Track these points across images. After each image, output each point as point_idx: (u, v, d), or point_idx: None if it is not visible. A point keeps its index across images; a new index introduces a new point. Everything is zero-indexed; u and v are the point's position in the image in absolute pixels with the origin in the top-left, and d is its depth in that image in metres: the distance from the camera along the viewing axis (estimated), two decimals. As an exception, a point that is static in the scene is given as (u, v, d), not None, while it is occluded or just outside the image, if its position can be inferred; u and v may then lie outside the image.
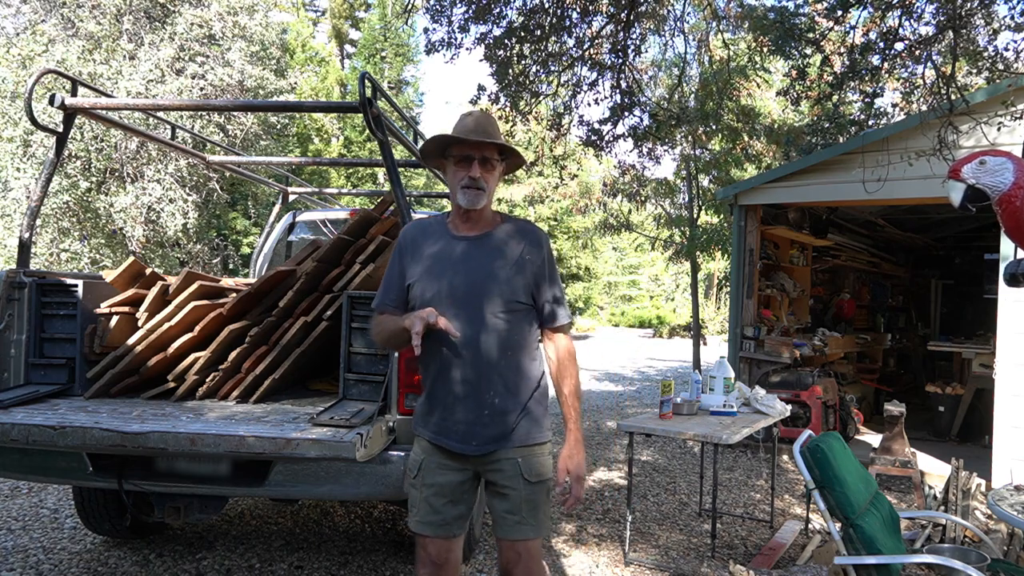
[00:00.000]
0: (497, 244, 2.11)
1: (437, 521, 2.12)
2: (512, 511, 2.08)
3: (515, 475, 2.07)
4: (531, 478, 2.08)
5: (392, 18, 25.66)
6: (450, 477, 2.11)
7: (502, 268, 2.07)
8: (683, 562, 3.92)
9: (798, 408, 6.47)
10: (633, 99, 7.85)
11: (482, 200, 2.07)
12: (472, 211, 2.09)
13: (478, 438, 2.06)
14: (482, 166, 2.06)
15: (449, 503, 2.12)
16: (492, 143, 2.07)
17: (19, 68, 10.74)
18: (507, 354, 2.06)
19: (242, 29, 12.77)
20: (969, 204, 2.09)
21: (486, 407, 2.05)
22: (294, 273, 3.40)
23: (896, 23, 5.59)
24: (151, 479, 2.82)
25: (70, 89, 3.25)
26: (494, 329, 2.04)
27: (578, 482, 2.08)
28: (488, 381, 2.05)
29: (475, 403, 2.05)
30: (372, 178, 24.11)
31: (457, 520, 2.14)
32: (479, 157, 2.06)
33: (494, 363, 2.04)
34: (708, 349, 16.77)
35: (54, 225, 11.33)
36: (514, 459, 2.07)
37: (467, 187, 2.06)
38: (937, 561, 2.70)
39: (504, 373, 2.06)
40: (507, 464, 2.08)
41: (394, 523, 4.36)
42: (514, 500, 2.08)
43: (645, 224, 17.27)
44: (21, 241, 3.20)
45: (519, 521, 2.07)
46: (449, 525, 2.13)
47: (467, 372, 2.04)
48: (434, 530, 2.13)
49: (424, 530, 2.14)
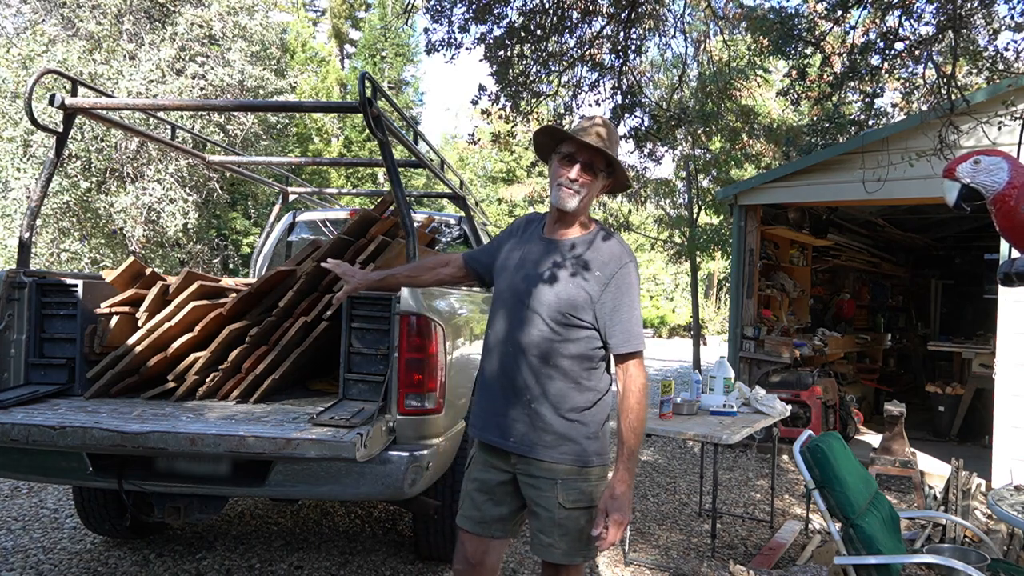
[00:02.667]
0: (570, 251, 2.03)
1: (476, 518, 2.08)
2: (543, 531, 2.00)
3: (550, 495, 1.97)
4: (566, 503, 1.96)
5: (392, 18, 25.65)
6: (492, 475, 2.07)
7: (563, 276, 1.99)
8: (683, 562, 3.91)
9: (798, 408, 6.47)
10: (634, 100, 7.85)
11: (573, 202, 1.99)
12: (563, 213, 2.03)
13: (517, 436, 2.00)
14: (584, 170, 1.99)
15: (490, 501, 2.07)
16: (600, 150, 1.98)
17: (19, 68, 10.73)
18: (550, 363, 1.98)
19: (242, 29, 12.76)
20: (964, 203, 2.09)
21: (524, 407, 1.99)
22: (294, 273, 3.40)
23: (896, 23, 5.59)
24: (151, 479, 2.82)
25: (70, 89, 3.25)
26: (541, 335, 1.98)
27: (616, 525, 1.90)
28: (527, 383, 1.99)
29: (515, 401, 2.00)
30: (372, 178, 24.12)
31: (497, 522, 2.08)
32: (583, 160, 1.99)
33: (536, 368, 1.98)
34: (708, 349, 16.77)
35: (54, 225, 11.33)
36: (553, 479, 1.97)
37: (562, 186, 1.99)
38: (937, 561, 2.70)
39: (546, 381, 1.98)
40: (544, 483, 1.98)
41: (394, 523, 4.36)
42: (544, 521, 1.99)
43: (645, 225, 17.28)
44: (21, 241, 3.20)
45: (551, 544, 1.99)
46: (488, 524, 2.07)
47: (510, 369, 2.01)
48: (472, 526, 2.08)
49: (464, 524, 2.10)
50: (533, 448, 1.98)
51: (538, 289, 1.99)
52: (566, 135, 2.01)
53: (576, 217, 2.05)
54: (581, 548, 2.00)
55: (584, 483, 1.99)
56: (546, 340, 1.98)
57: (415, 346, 2.80)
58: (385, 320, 2.88)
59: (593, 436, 2.02)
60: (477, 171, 28.79)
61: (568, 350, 1.98)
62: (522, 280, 2.03)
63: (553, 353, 1.98)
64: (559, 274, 2.00)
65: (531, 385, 1.98)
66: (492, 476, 2.07)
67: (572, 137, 1.99)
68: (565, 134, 2.02)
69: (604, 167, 2.03)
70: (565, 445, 1.98)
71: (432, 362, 2.84)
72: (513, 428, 2.00)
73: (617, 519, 1.90)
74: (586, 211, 2.08)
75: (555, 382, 1.98)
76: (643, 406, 1.99)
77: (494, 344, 2.06)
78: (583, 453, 1.99)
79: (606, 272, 1.99)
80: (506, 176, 26.86)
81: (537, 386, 1.98)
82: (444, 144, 29.59)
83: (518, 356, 2.00)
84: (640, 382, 1.99)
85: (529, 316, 1.99)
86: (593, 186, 2.02)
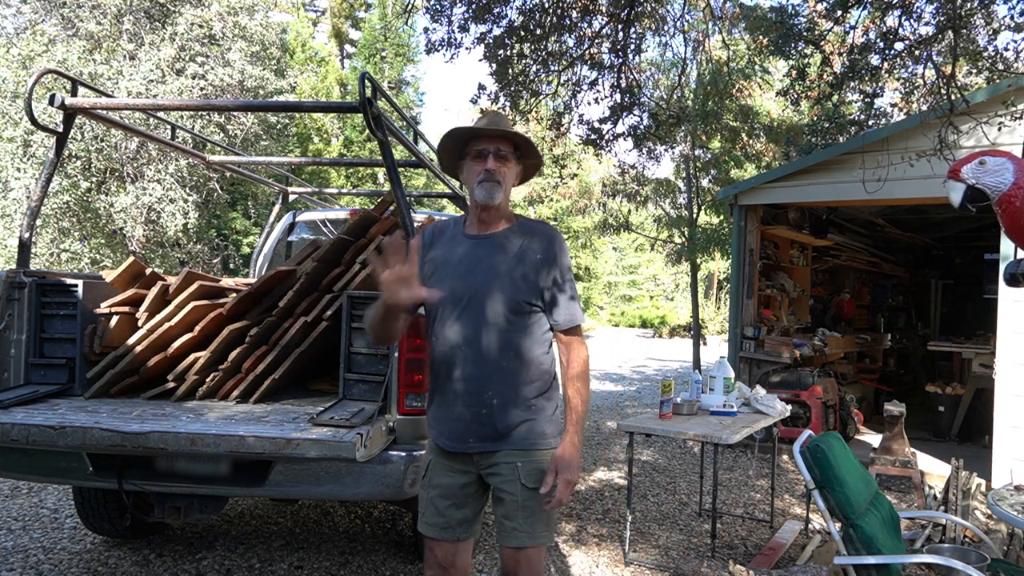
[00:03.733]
0: (505, 242, 2.07)
1: (441, 524, 2.08)
2: (508, 516, 2.03)
3: (512, 479, 2.01)
4: (529, 483, 2.01)
5: (392, 18, 25.64)
6: (454, 479, 2.08)
7: (507, 267, 2.03)
8: (683, 562, 3.91)
9: (798, 408, 6.47)
10: (633, 98, 7.85)
11: (498, 194, 2.03)
12: (489, 207, 2.06)
13: (475, 436, 2.02)
14: (498, 160, 2.04)
15: (452, 506, 2.08)
16: (505, 135, 2.05)
17: (19, 68, 10.74)
18: (509, 354, 2.02)
19: (242, 29, 12.76)
20: (969, 204, 2.08)
21: (484, 406, 2.01)
22: (294, 273, 3.40)
23: (896, 23, 5.59)
24: (151, 479, 2.82)
25: (70, 89, 3.25)
26: (496, 329, 2.01)
27: (565, 485, 1.97)
28: (488, 381, 2.01)
29: (474, 401, 2.01)
30: (372, 178, 24.11)
31: (462, 524, 2.09)
32: (493, 150, 2.04)
33: (495, 363, 2.00)
34: (708, 349, 16.76)
35: (54, 225, 11.33)
36: (513, 463, 2.02)
37: (483, 180, 2.03)
38: (937, 561, 2.70)
39: (505, 373, 2.01)
40: (505, 468, 2.02)
41: (394, 523, 4.36)
42: (509, 505, 2.02)
43: (645, 224, 17.28)
44: (21, 241, 3.20)
45: (515, 528, 2.02)
46: (453, 528, 2.08)
47: (468, 371, 2.02)
48: (439, 532, 2.08)
49: (430, 532, 2.10)
50: (492, 443, 2.02)
51: (488, 285, 2.01)
52: (472, 131, 2.06)
53: (500, 211, 2.09)
54: (544, 528, 2.05)
55: (542, 463, 2.03)
56: (504, 333, 2.01)
57: (415, 346, 2.81)
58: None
59: (550, 418, 2.08)
60: (477, 171, 28.72)
61: (525, 338, 2.03)
62: (466, 282, 2.03)
63: (512, 344, 2.02)
64: (505, 266, 2.03)
65: (493, 381, 2.00)
66: (454, 479, 2.08)
67: (478, 130, 2.05)
68: (470, 131, 2.07)
69: (513, 152, 2.08)
70: (525, 429, 2.03)
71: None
72: (470, 430, 2.03)
73: (566, 478, 1.97)
74: (507, 202, 2.12)
75: (514, 372, 2.02)
76: (588, 376, 2.09)
77: (446, 350, 2.05)
78: (542, 435, 2.05)
79: (548, 254, 2.05)
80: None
81: (499, 380, 2.01)
82: (444, 144, 29.50)
83: (476, 356, 2.01)
84: (584, 354, 2.09)
85: (482, 314, 2.00)
86: (510, 172, 2.07)
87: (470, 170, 2.07)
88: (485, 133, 2.05)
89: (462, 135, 2.09)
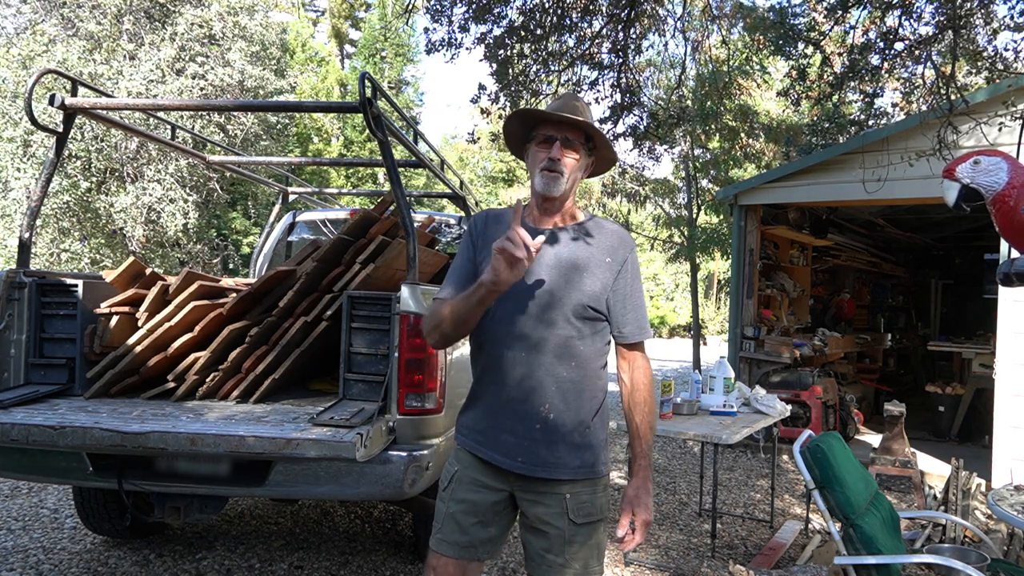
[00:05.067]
0: (576, 241, 1.86)
1: (463, 542, 1.86)
2: (550, 551, 1.82)
3: (559, 512, 1.81)
4: (578, 519, 1.82)
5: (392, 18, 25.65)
6: (484, 496, 1.86)
7: (577, 268, 1.82)
8: (683, 562, 3.91)
9: (798, 408, 6.48)
10: (633, 98, 7.85)
11: (560, 186, 1.82)
12: (549, 199, 1.85)
13: (525, 455, 1.80)
14: (565, 147, 1.83)
15: (479, 524, 1.86)
16: (578, 124, 1.83)
17: (19, 68, 10.74)
18: (570, 364, 1.81)
19: (242, 29, 12.77)
20: (964, 203, 2.09)
21: (538, 420, 1.79)
22: (294, 273, 3.40)
23: (896, 23, 5.59)
24: (151, 479, 2.82)
25: (70, 89, 3.25)
26: (559, 334, 1.80)
27: (643, 527, 1.82)
28: (543, 391, 1.79)
29: (526, 413, 1.80)
30: (372, 178, 24.12)
31: (485, 544, 1.88)
32: (561, 138, 1.82)
33: (553, 372, 1.79)
34: (708, 349, 16.77)
35: (54, 225, 11.34)
36: (561, 495, 1.81)
37: (545, 169, 1.82)
38: (937, 561, 2.70)
39: (564, 386, 1.80)
40: (552, 499, 1.82)
41: (394, 523, 4.36)
42: (554, 540, 1.82)
43: (645, 224, 17.29)
44: (21, 241, 3.20)
45: (562, 564, 1.81)
46: (475, 548, 1.87)
47: (521, 376, 1.80)
48: (456, 551, 1.86)
49: (446, 550, 1.86)
50: (544, 467, 1.81)
51: (552, 284, 1.80)
52: (541, 115, 1.87)
53: (564, 203, 1.89)
54: (595, 563, 1.87)
55: (594, 495, 1.87)
56: (566, 339, 1.80)
57: (415, 346, 2.80)
58: (385, 320, 2.88)
59: (603, 442, 1.89)
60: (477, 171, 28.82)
61: (588, 347, 1.84)
62: (529, 278, 1.80)
63: (573, 352, 1.81)
64: (569, 264, 1.83)
65: (550, 393, 1.79)
66: (484, 497, 1.87)
67: (547, 115, 1.85)
68: (540, 114, 1.87)
69: (584, 143, 1.87)
70: (579, 457, 1.83)
71: (432, 362, 2.84)
72: (521, 447, 1.81)
73: (644, 519, 1.83)
74: (573, 196, 1.92)
75: (573, 386, 1.82)
76: (654, 399, 1.94)
77: (496, 350, 1.83)
78: (595, 463, 1.86)
79: (617, 258, 1.86)
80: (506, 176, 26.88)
81: (557, 393, 1.80)
82: (444, 144, 29.59)
83: (534, 361, 1.79)
84: (650, 374, 1.92)
85: (545, 316, 1.80)
86: (577, 165, 1.86)
87: (534, 156, 1.86)
88: (554, 118, 1.84)
89: (530, 117, 1.90)
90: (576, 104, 1.89)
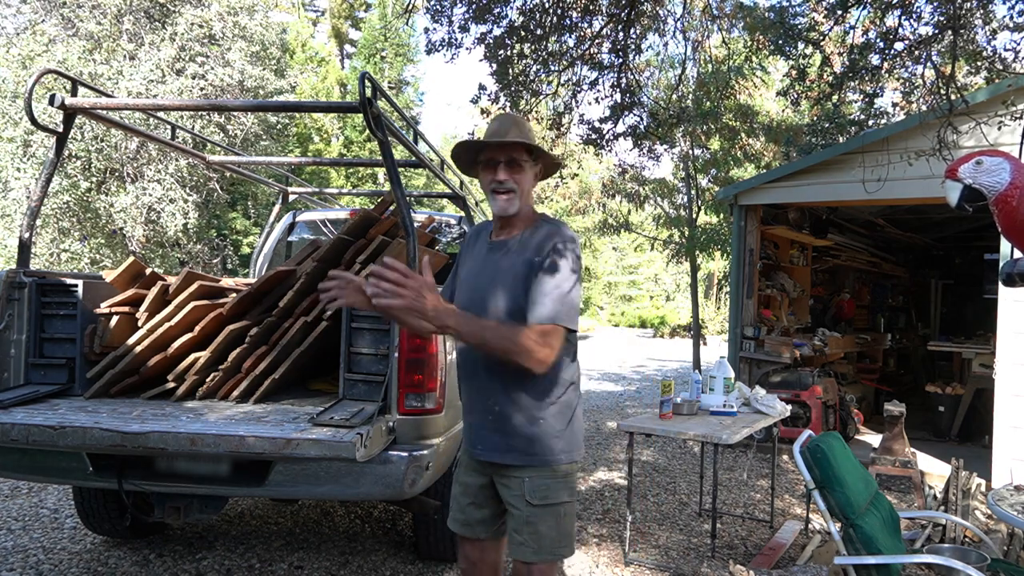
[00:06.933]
0: (515, 248, 2.01)
1: (462, 520, 2.14)
2: (516, 530, 2.02)
3: (518, 494, 1.99)
4: (533, 500, 1.98)
5: (392, 18, 25.66)
6: (474, 479, 2.11)
7: (511, 272, 1.97)
8: (683, 562, 3.92)
9: (798, 408, 6.47)
10: (633, 98, 7.85)
11: (513, 205, 2.00)
12: (505, 217, 2.04)
13: (483, 443, 2.04)
14: (509, 168, 1.98)
15: (472, 505, 2.11)
16: (516, 143, 1.98)
17: (19, 68, 10.74)
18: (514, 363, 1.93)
19: (242, 29, 12.77)
20: (966, 204, 2.09)
21: (490, 413, 2.01)
22: (294, 273, 3.40)
23: (896, 23, 5.59)
24: (151, 479, 2.82)
25: (70, 89, 3.25)
26: None
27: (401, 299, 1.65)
28: (491, 387, 1.99)
29: (481, 408, 2.03)
30: (372, 178, 24.13)
31: (481, 523, 2.12)
32: (505, 159, 1.99)
33: (496, 370, 1.95)
34: (708, 349, 16.77)
35: (54, 225, 11.34)
36: (520, 477, 1.99)
37: (494, 191, 2.00)
38: (937, 561, 2.70)
39: (507, 381, 1.96)
40: (514, 481, 2.00)
41: (394, 523, 4.36)
42: (517, 519, 2.01)
43: (644, 224, 17.28)
44: (21, 241, 3.20)
45: (521, 542, 2.00)
46: (472, 527, 2.12)
47: (475, 373, 2.04)
48: (460, 528, 2.14)
49: (454, 528, 2.16)
50: (496, 452, 2.01)
51: (492, 292, 1.98)
52: (479, 144, 2.02)
53: (520, 217, 2.04)
54: (550, 546, 1.99)
55: (551, 480, 1.98)
56: None
57: (415, 346, 2.81)
58: (385, 320, 2.88)
59: (559, 434, 1.99)
60: (477, 171, 28.73)
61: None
62: (474, 288, 2.04)
63: None
64: (508, 271, 1.97)
65: (495, 389, 1.98)
66: (474, 479, 2.11)
67: (485, 142, 2.00)
68: (478, 143, 2.03)
69: (528, 157, 2.01)
70: (530, 445, 1.97)
71: (432, 362, 2.84)
72: (480, 436, 2.04)
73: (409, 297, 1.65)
74: (527, 206, 2.05)
75: (516, 380, 1.94)
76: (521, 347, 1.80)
77: (463, 355, 2.10)
78: (548, 452, 1.98)
79: (543, 253, 1.93)
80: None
81: (500, 388, 1.97)
82: (444, 144, 29.60)
83: (478, 362, 2.01)
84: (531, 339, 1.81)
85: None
86: (524, 180, 2.01)
87: (483, 179, 2.04)
88: (492, 144, 1.99)
89: (473, 148, 2.06)
90: (511, 125, 2.01)
